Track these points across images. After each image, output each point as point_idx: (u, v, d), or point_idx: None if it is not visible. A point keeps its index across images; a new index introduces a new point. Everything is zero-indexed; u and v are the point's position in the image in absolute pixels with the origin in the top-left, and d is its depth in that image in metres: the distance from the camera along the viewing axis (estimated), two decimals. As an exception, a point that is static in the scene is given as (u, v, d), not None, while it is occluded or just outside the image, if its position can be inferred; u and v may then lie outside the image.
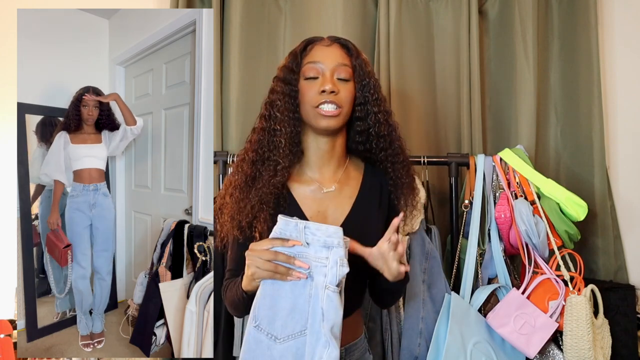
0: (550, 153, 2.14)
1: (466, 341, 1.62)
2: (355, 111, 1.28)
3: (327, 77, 1.23)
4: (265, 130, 1.27)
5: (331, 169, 1.31)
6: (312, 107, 1.23)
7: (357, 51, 1.29)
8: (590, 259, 2.05)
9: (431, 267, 1.75)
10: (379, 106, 1.29)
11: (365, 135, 1.31)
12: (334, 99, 1.22)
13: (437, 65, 2.13)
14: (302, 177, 1.30)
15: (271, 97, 1.29)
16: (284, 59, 1.31)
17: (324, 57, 1.25)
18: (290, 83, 1.26)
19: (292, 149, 1.25)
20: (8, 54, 2.17)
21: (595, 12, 2.08)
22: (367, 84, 1.27)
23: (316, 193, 1.28)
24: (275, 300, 1.14)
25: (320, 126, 1.24)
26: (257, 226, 1.23)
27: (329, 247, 1.13)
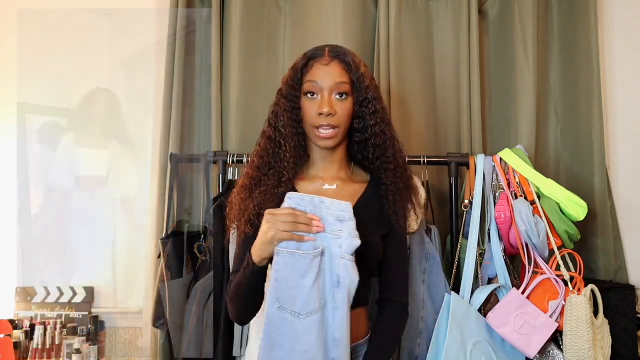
0: (550, 153, 2.14)
1: (466, 341, 1.62)
2: (354, 123, 1.35)
3: (325, 98, 1.30)
4: (271, 140, 1.35)
5: (334, 169, 1.39)
6: (312, 127, 1.32)
7: (356, 65, 1.33)
8: (590, 259, 2.05)
9: (431, 267, 1.75)
10: (377, 119, 1.35)
11: (363, 145, 1.37)
12: (331, 121, 1.30)
13: (437, 65, 2.13)
14: (306, 175, 1.39)
15: (275, 110, 1.37)
16: (287, 72, 1.37)
17: (323, 76, 1.31)
18: (292, 100, 1.33)
19: (296, 161, 1.34)
20: (8, 54, 2.18)
21: (595, 12, 2.08)
22: (365, 99, 1.33)
23: (318, 188, 1.36)
24: (295, 282, 1.21)
25: (318, 145, 1.34)
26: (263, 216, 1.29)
27: (341, 221, 1.23)
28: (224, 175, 1.91)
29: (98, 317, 2.05)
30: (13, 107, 2.16)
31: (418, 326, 1.70)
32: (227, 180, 1.90)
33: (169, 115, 2.02)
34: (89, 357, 1.92)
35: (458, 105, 2.07)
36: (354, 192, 1.38)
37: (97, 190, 2.14)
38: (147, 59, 2.14)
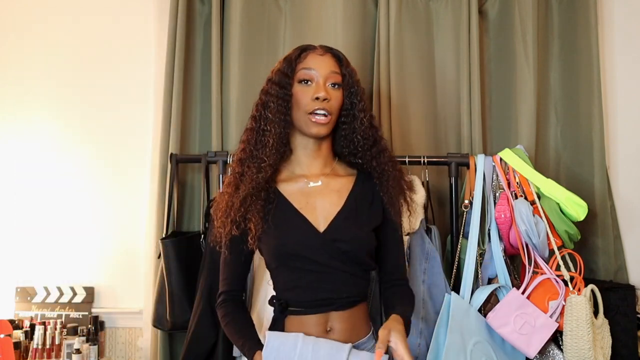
0: (550, 153, 2.14)
1: (466, 341, 1.62)
2: (342, 116, 1.37)
3: (320, 84, 1.32)
4: (254, 130, 1.36)
5: (318, 166, 1.39)
6: (305, 112, 1.32)
7: (346, 61, 1.39)
8: (590, 259, 2.05)
9: (431, 267, 1.75)
10: (364, 111, 1.38)
11: (350, 138, 1.39)
12: (326, 106, 1.31)
13: (437, 65, 2.13)
14: (290, 175, 1.39)
15: (263, 99, 1.37)
16: (278, 63, 1.39)
17: (317, 64, 1.34)
18: (284, 87, 1.34)
19: (279, 148, 1.34)
20: (8, 54, 2.18)
21: (595, 12, 2.08)
22: (355, 91, 1.37)
23: (303, 187, 1.37)
24: None
25: (310, 132, 1.33)
26: (251, 218, 1.31)
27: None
28: (224, 175, 1.90)
29: (98, 317, 2.04)
30: (13, 107, 2.16)
31: (418, 326, 1.70)
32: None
33: (169, 115, 2.03)
34: (89, 357, 1.92)
35: (458, 105, 2.08)
36: (341, 185, 1.39)
37: (97, 190, 2.15)
38: (147, 58, 2.14)
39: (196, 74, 2.13)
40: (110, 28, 2.18)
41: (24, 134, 2.16)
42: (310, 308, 1.31)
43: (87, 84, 2.16)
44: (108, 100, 2.16)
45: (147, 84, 2.13)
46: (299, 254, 1.31)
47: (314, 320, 1.31)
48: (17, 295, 2.09)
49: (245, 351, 1.30)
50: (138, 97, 2.15)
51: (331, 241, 1.31)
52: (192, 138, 2.12)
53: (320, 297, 1.31)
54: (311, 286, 1.31)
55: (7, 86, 2.17)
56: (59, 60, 2.17)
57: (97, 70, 2.17)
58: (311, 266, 1.30)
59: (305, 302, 1.32)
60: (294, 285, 1.32)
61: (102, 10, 2.18)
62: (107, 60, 2.17)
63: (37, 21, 2.17)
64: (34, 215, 2.13)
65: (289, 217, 1.33)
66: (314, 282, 1.31)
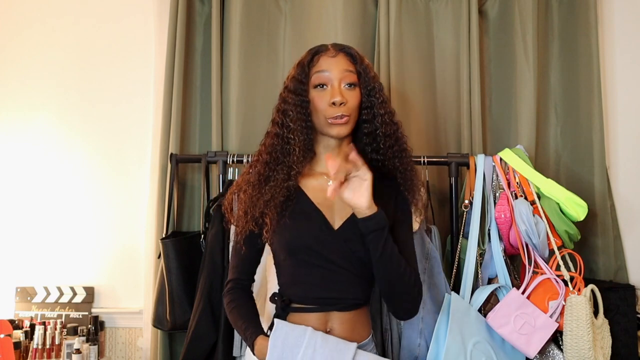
0: (550, 153, 2.14)
1: (466, 341, 1.62)
2: (362, 114, 1.35)
3: (335, 87, 1.31)
4: (279, 137, 1.35)
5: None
6: (324, 118, 1.31)
7: (360, 57, 1.36)
8: (590, 259, 2.05)
9: (431, 267, 1.75)
10: (385, 108, 1.35)
11: (372, 135, 1.36)
12: (343, 110, 1.30)
13: (437, 65, 2.13)
14: (311, 171, 1.39)
15: (282, 107, 1.36)
16: (292, 69, 1.37)
17: (330, 66, 1.32)
18: (300, 94, 1.33)
19: (305, 155, 1.33)
20: (8, 54, 2.18)
21: (595, 12, 2.08)
22: (373, 88, 1.34)
23: (323, 184, 1.36)
24: None
25: (331, 134, 1.32)
26: (267, 214, 1.32)
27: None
28: (224, 175, 1.91)
29: (98, 317, 2.04)
30: (13, 107, 2.16)
31: (418, 326, 1.70)
32: (227, 180, 1.91)
33: (169, 115, 2.03)
34: (89, 357, 1.92)
35: (458, 105, 2.08)
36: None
37: (97, 190, 2.15)
38: (148, 58, 2.14)
39: (196, 74, 2.13)
40: (110, 28, 2.18)
41: (24, 134, 2.16)
42: (313, 306, 1.31)
43: (87, 83, 2.17)
44: (108, 100, 2.16)
45: (147, 84, 2.14)
46: (311, 247, 1.31)
47: (315, 318, 1.30)
48: (17, 295, 2.09)
49: (248, 335, 1.29)
50: (138, 97, 2.15)
51: (343, 240, 1.31)
52: (192, 138, 2.12)
53: (325, 296, 1.31)
54: (317, 283, 1.31)
55: (8, 86, 2.17)
56: (59, 61, 2.17)
57: (97, 70, 2.17)
58: (320, 262, 1.30)
59: (309, 299, 1.31)
60: (301, 280, 1.32)
61: (102, 11, 2.18)
62: (107, 60, 2.17)
63: (37, 22, 2.18)
64: (34, 216, 2.13)
65: (306, 211, 1.34)
66: (321, 279, 1.31)
